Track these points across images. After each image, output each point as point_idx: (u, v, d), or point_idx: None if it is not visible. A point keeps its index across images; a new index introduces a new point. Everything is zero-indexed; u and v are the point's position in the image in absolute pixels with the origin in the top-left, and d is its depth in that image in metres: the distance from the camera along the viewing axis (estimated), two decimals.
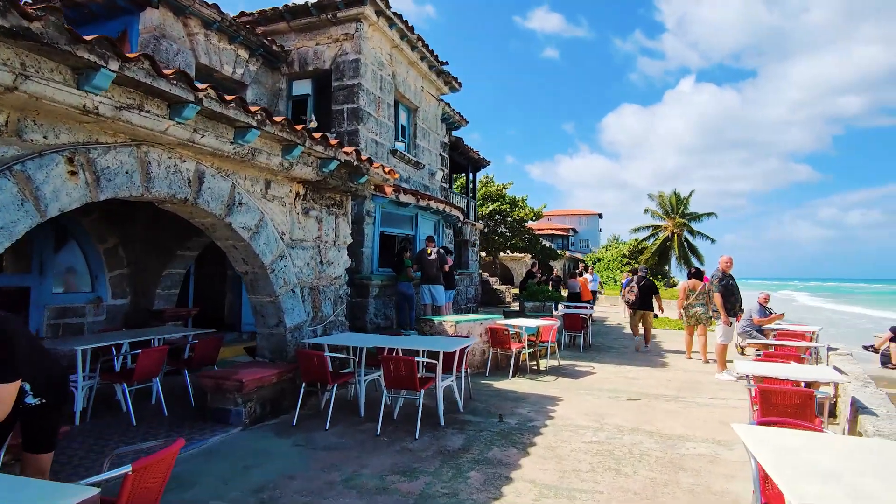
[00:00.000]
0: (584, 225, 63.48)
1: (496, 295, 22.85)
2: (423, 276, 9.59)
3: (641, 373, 8.08)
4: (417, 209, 11.01)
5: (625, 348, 10.80)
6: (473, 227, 18.51)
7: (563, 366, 8.55)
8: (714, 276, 7.88)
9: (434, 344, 5.57)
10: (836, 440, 2.45)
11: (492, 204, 26.01)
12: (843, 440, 2.50)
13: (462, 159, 17.96)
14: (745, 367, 4.37)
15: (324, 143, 5.50)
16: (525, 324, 7.95)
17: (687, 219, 43.17)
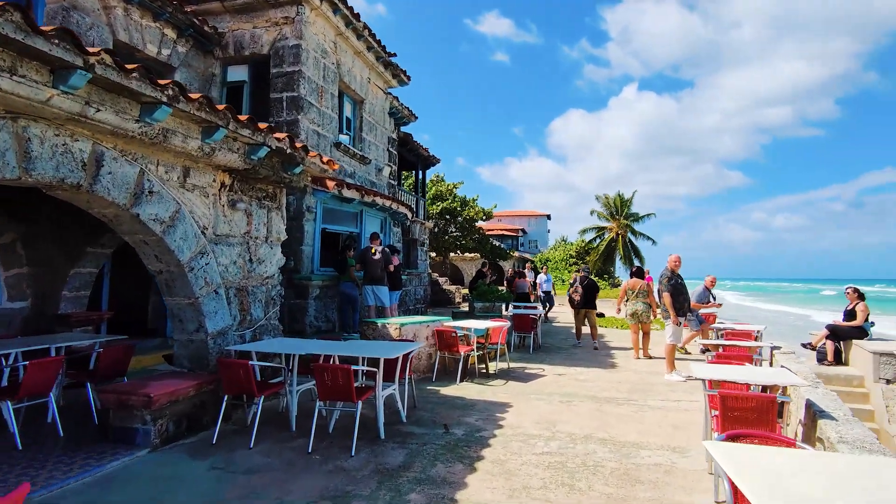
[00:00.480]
0: (532, 226, 64.31)
1: (446, 295, 22.51)
2: (366, 276, 9.07)
3: (592, 374, 7.89)
4: (362, 205, 10.47)
5: (574, 349, 10.67)
6: (423, 226, 18.09)
7: (512, 368, 8.26)
8: (663, 275, 7.80)
9: (374, 350, 5.10)
10: (819, 460, 2.18)
11: (442, 203, 25.68)
12: (827, 460, 2.24)
13: (411, 156, 17.51)
14: (702, 371, 4.16)
15: (251, 127, 4.92)
16: (474, 325, 7.60)
17: (630, 220, 44.46)
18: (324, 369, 4.47)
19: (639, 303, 9.27)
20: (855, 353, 9.03)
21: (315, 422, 4.57)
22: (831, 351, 9.34)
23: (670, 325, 7.62)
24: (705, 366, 4.42)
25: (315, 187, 9.20)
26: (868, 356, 8.29)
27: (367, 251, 9.19)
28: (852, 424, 3.47)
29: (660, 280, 7.84)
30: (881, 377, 7.94)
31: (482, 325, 7.70)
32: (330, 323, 9.66)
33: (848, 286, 9.51)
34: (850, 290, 9.38)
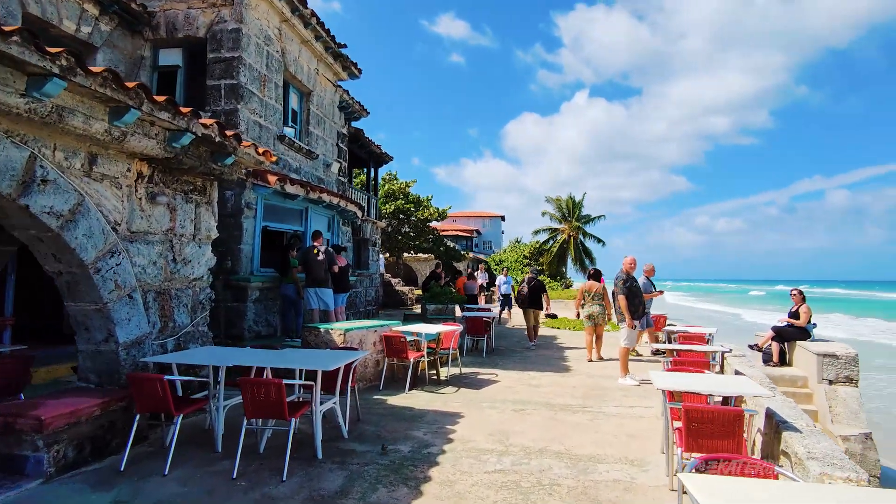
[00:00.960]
0: (487, 227, 64.60)
1: (399, 296, 22.03)
2: (308, 277, 8.52)
3: (545, 379, 7.65)
4: (308, 202, 9.89)
5: (527, 351, 10.46)
6: (375, 226, 17.56)
7: (465, 374, 7.92)
8: (618, 277, 7.65)
9: (312, 360, 4.62)
10: (808, 494, 1.91)
11: (395, 202, 25.17)
12: (814, 494, 1.97)
13: (363, 153, 16.94)
14: (662, 381, 3.92)
15: (170, 110, 4.34)
16: (424, 330, 7.21)
17: (581, 222, 45.20)
18: (253, 384, 3.96)
19: (595, 305, 9.18)
20: (799, 355, 9.21)
21: (242, 441, 4.06)
22: (776, 352, 9.51)
23: (625, 328, 7.48)
24: (664, 374, 4.19)
25: (255, 182, 8.58)
26: (812, 357, 8.44)
27: (310, 251, 8.64)
28: (817, 437, 3.29)
29: (615, 283, 7.69)
30: (824, 378, 8.08)
31: (433, 329, 7.32)
32: (271, 328, 9.04)
33: (793, 288, 9.71)
34: (795, 292, 9.58)
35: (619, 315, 7.63)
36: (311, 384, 4.35)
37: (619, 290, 7.45)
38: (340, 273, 9.35)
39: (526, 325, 11.49)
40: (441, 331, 7.19)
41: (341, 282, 9.52)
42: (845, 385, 8.01)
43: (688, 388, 3.69)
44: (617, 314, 7.68)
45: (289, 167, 10.24)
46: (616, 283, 7.64)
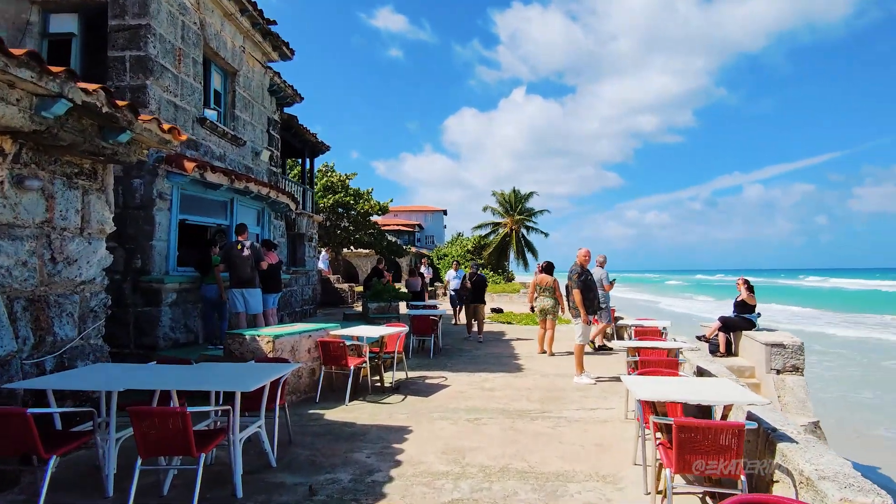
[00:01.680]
0: (429, 221, 64.06)
1: (338, 295, 21.04)
2: (233, 277, 7.59)
3: (498, 381, 7.14)
4: (233, 193, 8.88)
5: (476, 349, 9.95)
6: (311, 220, 16.52)
7: (411, 379, 7.28)
8: (572, 270, 7.24)
9: (229, 379, 3.82)
10: None
11: (334, 195, 24.07)
12: None
13: (297, 142, 15.84)
14: (641, 390, 3.45)
15: (35, 68, 3.40)
16: (366, 333, 6.48)
17: (524, 215, 45.55)
18: (146, 415, 3.14)
19: (546, 299, 8.84)
20: (745, 344, 9.22)
21: (137, 482, 3.23)
22: (723, 343, 9.49)
23: (580, 324, 7.08)
24: (640, 381, 3.72)
25: (170, 169, 7.52)
26: (760, 347, 8.42)
27: (233, 247, 7.69)
28: (818, 449, 2.90)
29: (569, 276, 7.28)
30: (772, 368, 8.05)
31: (376, 331, 6.61)
32: (191, 334, 8.01)
33: (739, 277, 9.73)
34: (740, 281, 9.59)
35: (573, 310, 7.21)
36: (228, 408, 3.56)
37: (574, 284, 7.05)
38: (270, 271, 8.44)
39: (466, 319, 11.73)
40: (384, 333, 6.50)
41: (271, 281, 8.61)
42: (792, 374, 8.01)
43: (671, 398, 3.22)
44: (571, 309, 7.25)
45: (211, 154, 9.18)
46: (570, 277, 7.22)
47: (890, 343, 19.30)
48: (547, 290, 8.97)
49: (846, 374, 14.10)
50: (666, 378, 3.79)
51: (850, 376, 13.84)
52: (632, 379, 3.70)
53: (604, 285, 9.45)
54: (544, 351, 9.50)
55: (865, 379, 13.48)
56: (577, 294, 6.99)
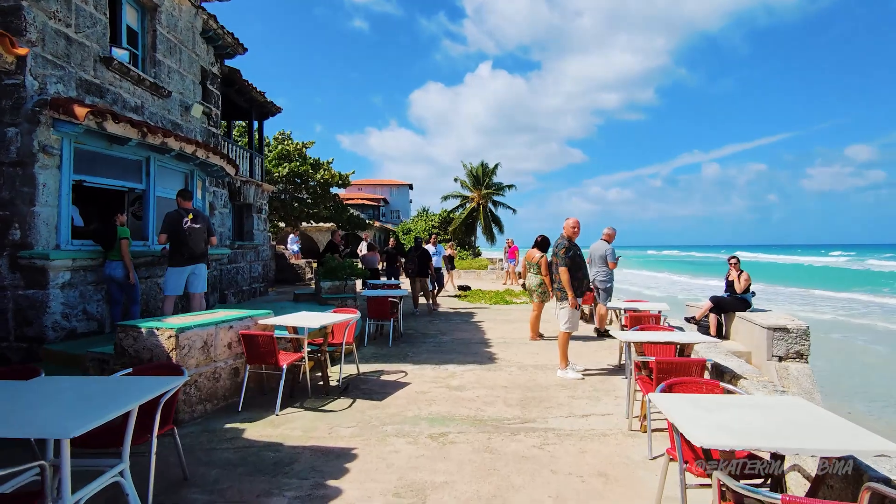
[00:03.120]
0: (395, 196, 62.40)
1: (294, 271, 19.53)
2: (179, 253, 6.26)
3: (468, 375, 6.01)
4: (149, 150, 7.32)
5: (442, 335, 8.79)
6: (260, 189, 14.90)
7: (364, 375, 6.06)
8: (558, 245, 6.08)
9: (57, 412, 2.48)
10: None
11: (289, 164, 22.27)
12: None
13: (242, 101, 14.08)
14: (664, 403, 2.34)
15: None
16: (306, 322, 5.17)
17: (492, 189, 44.44)
18: None
19: (533, 276, 7.79)
20: (738, 327, 8.36)
21: None
22: (714, 325, 8.62)
23: (566, 308, 5.97)
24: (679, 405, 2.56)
25: (56, 116, 5.94)
26: (757, 331, 7.53)
27: (179, 218, 6.28)
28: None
29: (555, 251, 6.11)
30: (774, 354, 7.18)
31: (318, 319, 5.31)
32: (94, 322, 6.54)
33: (731, 255, 8.83)
34: (733, 260, 8.69)
35: (558, 291, 6.07)
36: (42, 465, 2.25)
37: (561, 262, 5.91)
38: None
39: (412, 293, 11.42)
40: (329, 322, 5.22)
41: None
42: (796, 361, 7.16)
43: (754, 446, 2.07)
44: (556, 290, 6.10)
45: (122, 103, 7.56)
46: (555, 252, 6.07)
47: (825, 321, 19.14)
48: (533, 267, 7.90)
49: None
50: (712, 398, 2.67)
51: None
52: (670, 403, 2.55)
53: (607, 262, 8.40)
54: (540, 336, 8.51)
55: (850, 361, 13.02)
56: (563, 273, 5.85)
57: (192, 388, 4.43)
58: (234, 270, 12.94)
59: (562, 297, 5.95)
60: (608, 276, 8.36)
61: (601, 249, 8.43)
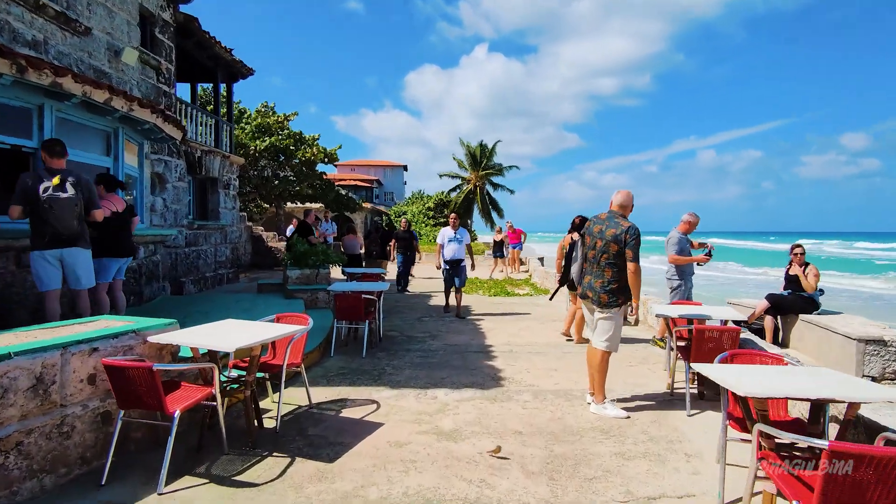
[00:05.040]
0: (389, 177, 60.44)
1: (273, 255, 17.72)
2: (42, 231, 4.41)
3: (466, 409, 4.28)
4: (41, 96, 5.45)
5: (432, 338, 7.07)
6: (227, 161, 13.02)
7: (318, 407, 4.32)
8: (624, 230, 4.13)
9: None
10: None
11: (270, 138, 20.33)
12: None
13: (205, 58, 12.11)
14: None
15: None
16: (219, 343, 3.37)
17: (490, 171, 42.55)
18: None
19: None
20: (804, 333, 6.65)
21: None
22: (770, 329, 6.91)
23: (611, 317, 4.17)
24: None
25: None
26: (842, 343, 5.81)
27: (37, 181, 4.44)
28: None
29: (617, 237, 4.17)
30: (866, 374, 5.49)
31: (248, 336, 3.53)
32: None
33: (795, 244, 7.08)
34: (796, 249, 6.96)
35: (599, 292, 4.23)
36: None
37: (632, 252, 4.06)
38: (111, 223, 5.25)
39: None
40: (258, 341, 3.44)
41: (112, 240, 5.40)
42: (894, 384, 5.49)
43: None
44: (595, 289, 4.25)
45: (12, 34, 5.70)
46: (618, 238, 4.15)
47: None
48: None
49: None
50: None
51: None
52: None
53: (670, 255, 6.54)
54: (571, 337, 6.97)
55: None
56: (633, 270, 4.02)
57: (10, 457, 2.69)
58: (195, 255, 11.15)
59: (609, 301, 4.16)
60: (673, 274, 6.51)
61: (674, 239, 6.51)
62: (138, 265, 7.40)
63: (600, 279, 4.20)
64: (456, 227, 8.85)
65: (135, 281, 7.27)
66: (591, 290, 4.26)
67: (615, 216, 4.27)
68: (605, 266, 4.18)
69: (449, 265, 8.69)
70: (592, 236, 4.26)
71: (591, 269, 4.28)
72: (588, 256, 4.29)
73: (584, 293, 4.33)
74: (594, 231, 4.26)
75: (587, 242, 4.31)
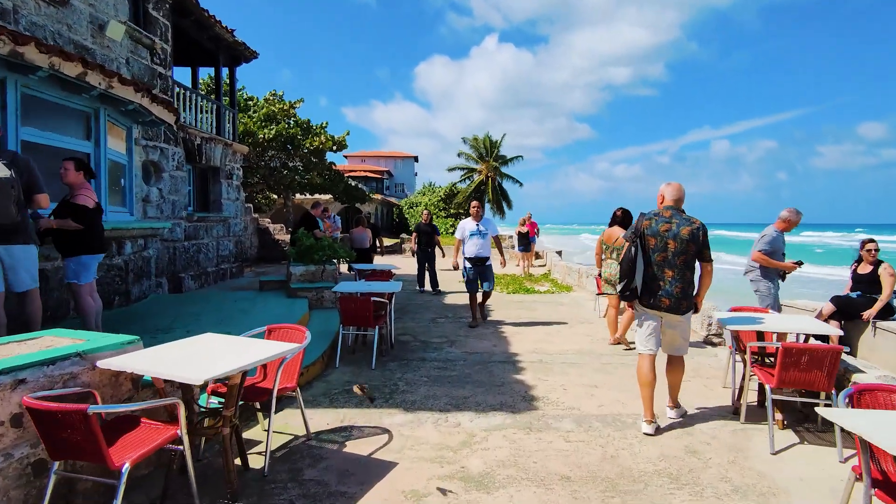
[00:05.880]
0: (399, 168, 59.65)
1: (280, 249, 17.08)
2: None
3: (497, 443, 3.52)
4: (4, 69, 4.73)
5: (449, 344, 6.30)
6: (230, 150, 12.31)
7: (317, 437, 3.57)
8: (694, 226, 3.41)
9: None
10: None
11: (276, 126, 19.60)
12: None
13: (205, 39, 11.36)
14: None
15: None
16: (183, 374, 2.60)
17: (499, 162, 41.70)
18: None
19: (616, 264, 5.43)
20: (878, 342, 5.80)
21: None
22: (836, 337, 6.07)
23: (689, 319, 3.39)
24: None
25: None
26: None
27: None
28: None
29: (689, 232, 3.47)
30: None
31: (224, 361, 2.78)
32: None
33: (867, 239, 6.20)
34: (868, 244, 6.09)
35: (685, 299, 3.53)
36: None
37: (706, 246, 3.61)
38: (95, 217, 4.57)
39: None
40: (242, 367, 2.69)
41: (99, 234, 4.71)
42: None
43: None
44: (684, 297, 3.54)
45: None
46: (698, 235, 3.58)
47: None
48: (618, 253, 5.57)
49: None
50: None
51: None
52: None
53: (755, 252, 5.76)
54: (618, 342, 6.24)
55: None
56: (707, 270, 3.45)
57: None
58: (195, 248, 10.48)
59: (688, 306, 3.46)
60: (757, 275, 5.74)
61: (768, 237, 5.74)
62: (125, 262, 6.70)
63: (680, 283, 3.62)
64: (479, 218, 7.19)
65: (120, 279, 6.59)
66: (668, 296, 3.62)
67: (679, 212, 3.74)
68: (683, 268, 3.61)
69: (472, 265, 7.09)
70: (660, 237, 3.64)
71: (662, 273, 3.64)
72: (656, 259, 3.58)
73: (658, 301, 3.65)
74: (661, 231, 3.64)
75: (652, 244, 3.58)
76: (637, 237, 3.63)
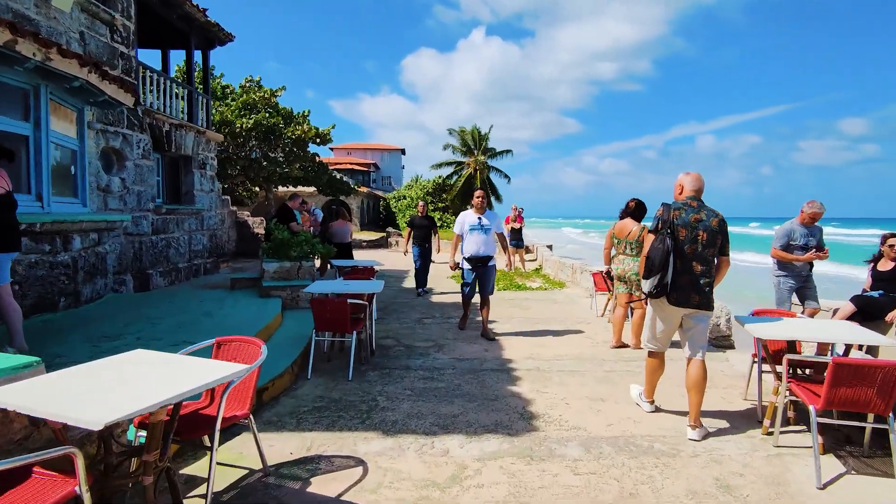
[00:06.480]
0: (386, 161, 58.83)
1: (259, 242, 16.34)
2: None
3: (492, 474, 2.97)
4: None
5: (437, 350, 5.73)
6: (203, 138, 11.56)
7: (276, 472, 2.99)
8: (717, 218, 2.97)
9: None
10: None
11: (255, 115, 18.79)
12: None
13: (174, 18, 10.57)
14: None
15: None
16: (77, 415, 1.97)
17: (487, 155, 41.12)
18: None
19: (629, 259, 4.91)
20: None
21: None
22: None
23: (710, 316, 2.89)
24: None
25: None
26: None
27: None
28: None
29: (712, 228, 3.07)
30: None
31: (141, 396, 2.17)
32: None
33: (890, 233, 5.72)
34: (893, 240, 5.61)
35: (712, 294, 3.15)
36: None
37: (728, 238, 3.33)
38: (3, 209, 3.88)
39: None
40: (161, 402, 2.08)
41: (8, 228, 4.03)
42: None
43: None
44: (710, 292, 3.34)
45: None
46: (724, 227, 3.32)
47: None
48: (632, 247, 5.28)
49: None
50: None
51: None
52: None
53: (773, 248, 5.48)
54: (624, 345, 5.70)
55: None
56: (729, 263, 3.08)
57: None
58: (164, 243, 9.77)
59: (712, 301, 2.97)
60: (776, 270, 5.59)
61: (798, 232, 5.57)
62: (72, 258, 6.00)
63: (708, 277, 3.28)
64: (482, 210, 6.13)
65: (67, 278, 5.88)
66: (697, 292, 3.26)
67: (703, 203, 3.38)
68: (711, 261, 3.30)
69: (472, 265, 6.12)
70: (691, 227, 3.23)
71: (690, 266, 3.26)
72: (686, 252, 3.11)
73: (686, 297, 3.28)
74: (690, 221, 3.24)
75: (682, 235, 3.08)
76: (668, 228, 3.14)
